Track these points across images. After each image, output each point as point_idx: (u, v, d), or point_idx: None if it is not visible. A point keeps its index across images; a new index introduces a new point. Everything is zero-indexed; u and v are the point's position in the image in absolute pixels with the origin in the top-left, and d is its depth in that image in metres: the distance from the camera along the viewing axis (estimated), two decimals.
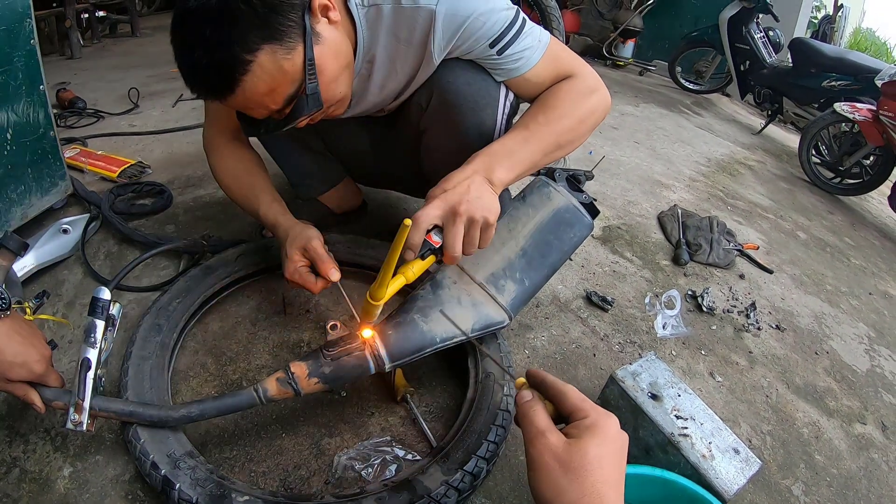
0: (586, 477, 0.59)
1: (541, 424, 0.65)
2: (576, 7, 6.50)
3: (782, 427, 1.42)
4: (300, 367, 0.98)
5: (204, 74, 0.90)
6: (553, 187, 1.17)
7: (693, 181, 2.98)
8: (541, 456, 0.62)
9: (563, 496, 0.59)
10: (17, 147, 1.43)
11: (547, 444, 0.62)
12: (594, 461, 0.60)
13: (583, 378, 1.39)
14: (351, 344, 1.01)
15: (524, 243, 1.16)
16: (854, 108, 3.45)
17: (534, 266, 1.17)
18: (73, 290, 1.41)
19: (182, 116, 2.65)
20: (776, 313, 1.91)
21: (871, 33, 10.79)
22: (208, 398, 1.01)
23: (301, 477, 1.03)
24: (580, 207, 1.17)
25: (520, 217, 1.17)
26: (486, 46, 1.10)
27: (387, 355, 1.01)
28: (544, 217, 1.16)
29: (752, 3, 4.60)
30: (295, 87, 0.95)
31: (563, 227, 1.17)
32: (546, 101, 1.13)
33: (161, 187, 1.83)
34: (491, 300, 1.12)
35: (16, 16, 1.35)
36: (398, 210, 1.92)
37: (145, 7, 5.77)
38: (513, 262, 1.15)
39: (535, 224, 1.16)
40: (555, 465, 0.61)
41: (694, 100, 5.30)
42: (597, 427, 0.63)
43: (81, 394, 0.90)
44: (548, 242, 1.16)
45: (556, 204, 1.17)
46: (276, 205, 1.27)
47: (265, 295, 1.46)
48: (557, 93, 1.13)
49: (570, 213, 1.17)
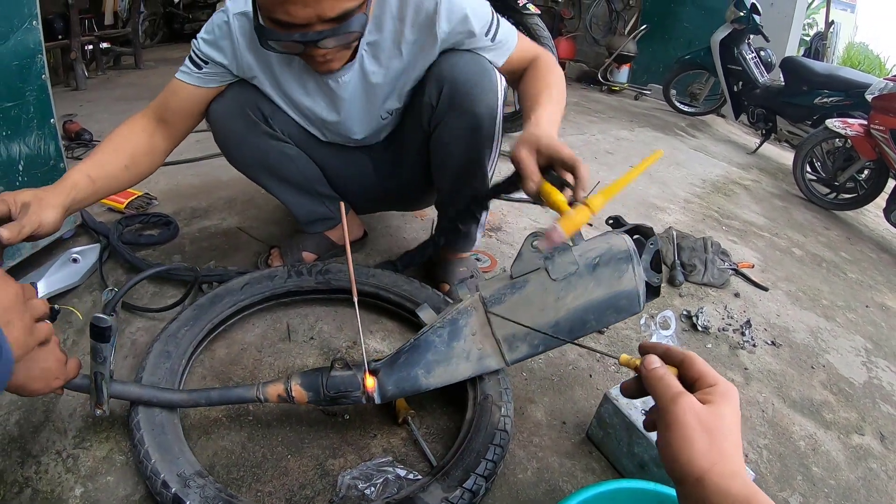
0: (724, 440, 0.61)
1: (678, 386, 0.66)
2: (570, 34, 6.63)
3: (779, 441, 1.43)
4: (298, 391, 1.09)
5: None
6: (633, 266, 1.07)
7: (688, 203, 3.03)
8: (684, 415, 0.62)
9: (703, 458, 0.60)
10: (29, 178, 1.48)
11: (691, 405, 0.63)
12: (730, 426, 0.62)
13: (579, 398, 1.41)
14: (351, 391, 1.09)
15: (562, 315, 1.09)
16: (846, 124, 3.49)
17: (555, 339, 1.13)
18: (84, 317, 1.45)
19: (186, 149, 2.67)
20: (772, 330, 1.94)
21: (864, 47, 10.90)
22: (214, 387, 1.14)
23: (306, 496, 1.06)
24: (642, 297, 1.08)
25: (577, 288, 1.08)
26: (483, 35, 1.27)
27: (379, 398, 1.11)
28: (601, 297, 1.08)
29: (742, 25, 4.69)
30: (355, 4, 1.01)
31: (610, 312, 1.10)
32: (546, 77, 1.27)
33: (168, 218, 1.88)
34: (498, 355, 1.13)
35: (28, 52, 1.41)
36: (397, 238, 1.97)
37: (148, 39, 5.91)
38: (541, 328, 1.10)
39: (586, 301, 1.08)
40: (696, 425, 0.61)
41: (689, 122, 5.37)
42: (729, 394, 0.65)
43: (101, 398, 0.99)
44: (585, 322, 1.10)
45: (623, 286, 1.08)
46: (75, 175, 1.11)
47: (270, 323, 1.50)
48: (549, 68, 1.30)
49: (629, 299, 1.08)
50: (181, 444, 1.02)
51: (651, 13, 6.35)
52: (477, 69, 1.28)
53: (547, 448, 1.25)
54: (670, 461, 0.63)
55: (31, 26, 1.41)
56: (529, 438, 1.27)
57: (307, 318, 1.53)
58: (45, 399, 1.19)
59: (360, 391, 1.09)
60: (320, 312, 1.55)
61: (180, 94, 1.30)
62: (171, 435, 1.02)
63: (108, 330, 0.96)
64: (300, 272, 1.49)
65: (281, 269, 1.49)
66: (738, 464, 0.60)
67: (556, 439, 1.28)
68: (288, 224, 1.96)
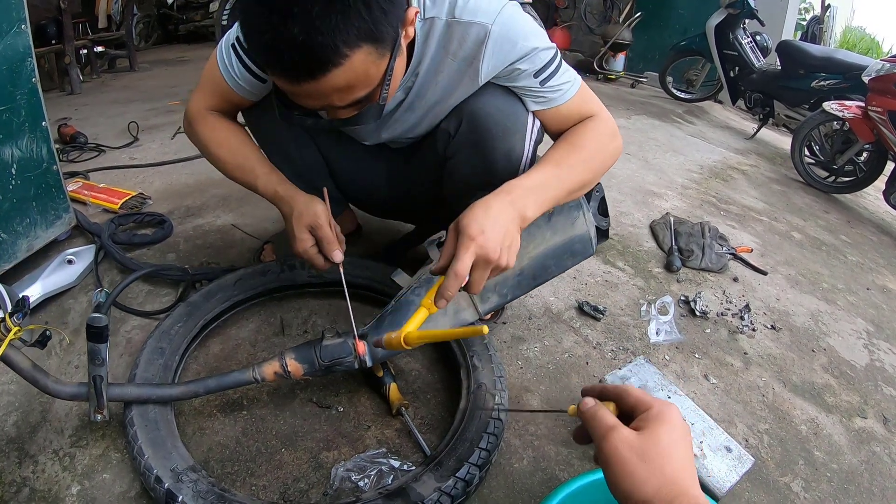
0: (664, 465, 0.60)
1: (610, 421, 0.65)
2: (565, 24, 6.63)
3: (780, 425, 1.43)
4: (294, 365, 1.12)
5: (294, 52, 0.82)
6: (583, 212, 1.17)
7: (685, 189, 3.01)
8: (616, 450, 0.62)
9: (645, 486, 0.59)
10: (22, 182, 1.48)
11: (621, 437, 0.63)
12: (667, 448, 0.61)
13: (575, 386, 1.41)
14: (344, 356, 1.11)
15: (525, 264, 1.18)
16: (843, 107, 3.48)
17: (522, 286, 1.21)
18: (79, 318, 1.45)
19: (180, 148, 2.71)
20: (771, 314, 1.93)
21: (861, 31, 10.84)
22: (210, 376, 1.14)
23: (300, 489, 1.06)
24: (594, 239, 1.18)
25: (535, 237, 1.17)
26: (531, 76, 1.11)
27: (370, 360, 1.13)
28: (558, 243, 1.18)
29: (737, 10, 4.66)
30: (367, 92, 0.93)
31: (567, 256, 1.20)
32: (576, 141, 1.13)
33: (162, 217, 1.88)
34: (472, 308, 1.18)
35: (17, 55, 1.41)
36: (392, 231, 1.96)
37: (143, 42, 5.91)
38: (507, 278, 1.18)
39: (545, 248, 1.18)
40: (631, 456, 0.61)
41: (686, 109, 5.34)
42: (663, 415, 0.64)
43: (101, 403, 1.00)
44: (546, 267, 1.20)
45: (575, 231, 1.18)
46: (273, 175, 1.24)
47: (264, 318, 1.50)
48: (586, 133, 1.14)
49: (582, 242, 1.19)
50: (175, 439, 1.03)
51: (645, 0, 6.31)
52: (505, 109, 1.17)
53: (543, 437, 1.25)
54: (616, 495, 0.62)
55: (19, 30, 1.41)
56: (525, 427, 1.26)
57: (300, 311, 1.53)
58: (42, 400, 1.19)
59: (352, 356, 1.11)
60: (314, 306, 1.55)
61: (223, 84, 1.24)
62: (165, 431, 1.03)
63: (105, 330, 0.97)
64: (293, 266, 1.49)
65: (274, 263, 1.49)
66: (683, 483, 0.59)
67: (552, 427, 1.27)
68: (282, 220, 1.94)
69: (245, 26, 0.87)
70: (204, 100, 1.27)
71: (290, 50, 0.81)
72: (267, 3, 0.81)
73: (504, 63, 1.09)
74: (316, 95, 0.90)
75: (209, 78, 1.24)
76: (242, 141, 1.28)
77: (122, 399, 1.04)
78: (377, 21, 0.83)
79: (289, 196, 1.20)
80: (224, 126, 1.27)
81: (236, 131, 1.28)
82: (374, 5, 0.82)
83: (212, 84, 1.24)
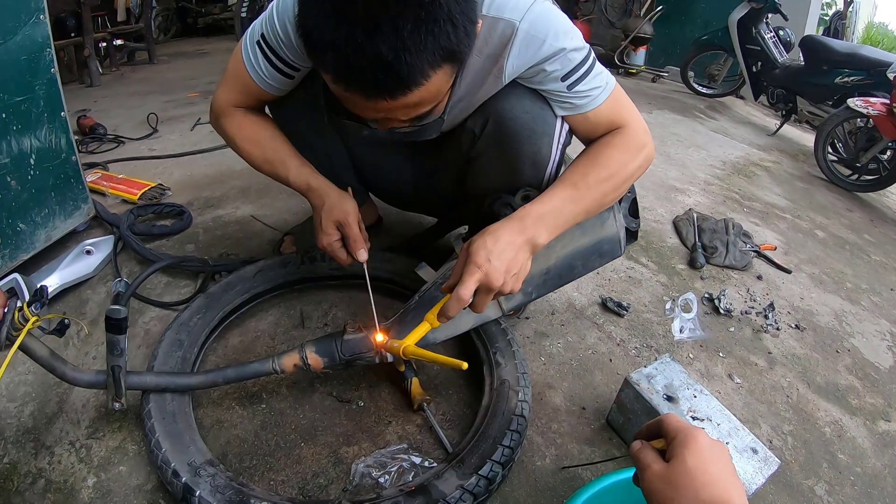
0: (691, 483, 0.61)
1: (646, 460, 0.67)
2: (586, 17, 6.55)
3: (804, 427, 1.41)
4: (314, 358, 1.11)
5: (378, 71, 0.77)
6: (614, 213, 1.16)
7: (708, 185, 2.97)
8: (650, 486, 0.65)
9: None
10: (41, 172, 1.48)
11: (653, 473, 0.65)
12: (695, 469, 0.62)
13: (599, 383, 1.39)
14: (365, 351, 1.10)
15: (552, 263, 1.17)
16: (867, 103, 3.41)
17: (548, 285, 1.20)
18: (97, 309, 1.44)
19: (200, 140, 2.71)
20: (795, 313, 1.89)
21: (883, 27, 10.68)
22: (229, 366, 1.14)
23: (319, 485, 1.05)
24: (623, 241, 1.17)
25: (563, 237, 1.10)
26: (558, 79, 1.06)
27: (392, 356, 1.11)
28: (586, 244, 1.17)
29: (760, 4, 4.58)
30: (430, 108, 0.89)
31: (595, 257, 1.19)
32: (597, 159, 1.09)
33: (181, 208, 1.88)
34: (496, 305, 1.16)
35: (36, 46, 1.41)
36: (413, 223, 1.94)
37: (162, 35, 5.92)
38: (533, 277, 1.15)
39: (573, 248, 1.17)
40: (664, 487, 0.63)
41: (708, 104, 5.28)
42: (686, 440, 0.65)
43: (119, 391, 1.00)
44: (573, 267, 1.18)
45: (605, 232, 1.17)
46: (305, 168, 1.23)
47: (284, 310, 1.49)
48: (609, 149, 1.10)
49: (610, 244, 1.18)
50: (192, 432, 1.02)
51: None
52: (533, 111, 1.13)
53: (566, 434, 1.23)
54: None
55: (38, 21, 1.40)
56: (548, 424, 1.25)
57: (321, 304, 1.52)
58: (59, 390, 1.19)
59: (373, 351, 1.11)
60: (334, 298, 1.54)
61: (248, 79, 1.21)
62: (183, 424, 1.02)
63: (124, 321, 0.96)
64: (314, 258, 1.47)
65: (294, 255, 1.48)
66: (721, 494, 0.60)
67: (575, 425, 1.26)
68: (302, 211, 1.94)
69: (315, 35, 0.79)
70: (229, 96, 1.24)
71: (372, 68, 0.76)
72: (349, 15, 0.74)
73: (530, 62, 1.04)
74: (383, 110, 0.85)
75: (234, 73, 1.20)
76: (272, 135, 1.25)
77: (140, 387, 1.04)
78: (461, 41, 0.79)
79: (321, 189, 1.20)
80: (251, 121, 1.25)
81: (265, 125, 1.26)
82: (460, 24, 0.77)
83: (237, 80, 1.21)
